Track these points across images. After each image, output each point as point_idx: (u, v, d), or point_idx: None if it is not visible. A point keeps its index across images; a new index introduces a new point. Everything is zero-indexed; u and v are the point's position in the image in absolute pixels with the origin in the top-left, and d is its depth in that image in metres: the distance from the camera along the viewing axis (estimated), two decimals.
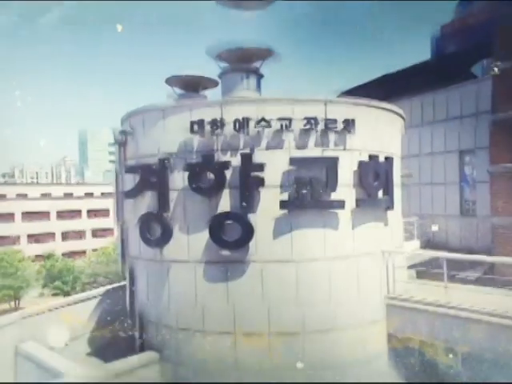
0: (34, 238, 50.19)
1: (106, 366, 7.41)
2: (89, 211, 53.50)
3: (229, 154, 6.60)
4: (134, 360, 7.36)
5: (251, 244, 6.56)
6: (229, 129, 6.59)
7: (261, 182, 6.48)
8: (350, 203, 6.85)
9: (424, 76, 18.54)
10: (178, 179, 6.73)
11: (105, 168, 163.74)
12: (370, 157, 7.13)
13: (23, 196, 58.40)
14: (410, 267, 9.28)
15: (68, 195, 64.30)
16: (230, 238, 6.51)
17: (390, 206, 7.58)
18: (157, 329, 7.33)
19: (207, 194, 6.54)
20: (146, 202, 7.02)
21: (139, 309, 7.63)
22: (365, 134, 7.08)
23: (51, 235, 51.97)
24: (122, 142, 7.43)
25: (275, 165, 6.54)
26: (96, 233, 55.93)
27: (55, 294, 44.83)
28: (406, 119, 11.95)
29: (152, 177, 6.84)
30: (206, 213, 6.57)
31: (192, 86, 9.72)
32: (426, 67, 19.47)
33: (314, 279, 6.67)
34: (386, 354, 7.22)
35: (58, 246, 50.38)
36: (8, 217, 47.09)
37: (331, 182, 6.63)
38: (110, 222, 57.95)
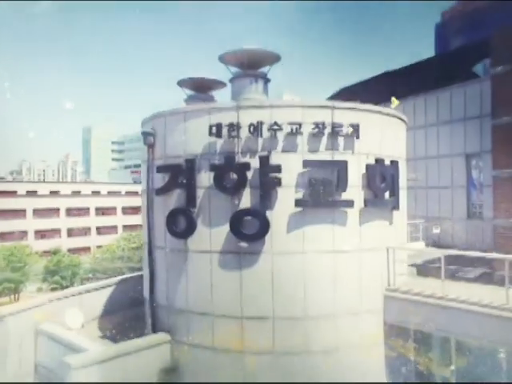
0: (41, 233, 51.81)
1: (121, 344, 8.34)
2: (97, 209, 55.02)
3: (248, 155, 7.52)
4: (147, 340, 8.32)
5: (267, 237, 7.46)
6: (245, 132, 7.51)
7: (278, 182, 7.38)
8: (359, 203, 7.71)
9: (427, 73, 19.13)
10: (204, 178, 7.67)
11: (108, 166, 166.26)
12: (377, 160, 7.99)
13: (33, 193, 60.11)
14: (413, 266, 10.07)
15: (76, 193, 66.00)
16: (249, 231, 7.42)
17: (396, 207, 8.42)
18: (172, 312, 8.27)
19: (230, 192, 7.46)
20: (174, 198, 7.97)
21: (158, 294, 8.57)
22: (371, 139, 7.93)
23: (57, 231, 53.57)
24: (150, 144, 8.39)
25: (290, 166, 7.43)
26: (100, 230, 57.51)
27: (54, 289, 46.26)
28: (410, 119, 12.67)
29: (180, 176, 7.79)
30: (228, 209, 7.50)
31: (201, 87, 10.67)
32: (429, 64, 20.01)
33: (321, 270, 7.54)
34: (382, 340, 8.04)
35: (64, 242, 51.80)
36: (20, 213, 48.72)
37: (341, 183, 7.50)
38: (115, 219, 59.21)
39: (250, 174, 7.45)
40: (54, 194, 60.47)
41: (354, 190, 7.70)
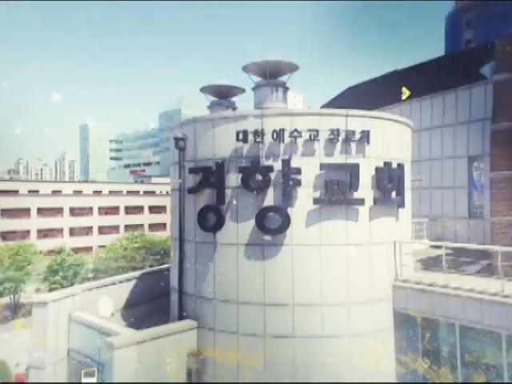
0: (44, 233, 53.01)
1: (154, 328, 9.51)
2: (100, 208, 56.24)
3: (271, 159, 8.74)
4: (176, 325, 9.50)
5: (288, 231, 8.68)
6: (268, 138, 8.73)
7: (298, 182, 8.61)
8: (369, 201, 8.93)
9: (434, 74, 20.02)
10: (232, 179, 8.90)
11: (107, 165, 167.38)
12: (385, 163, 9.20)
13: (35, 192, 61.33)
14: (418, 261, 11.25)
15: (77, 192, 67.21)
16: (272, 226, 8.64)
17: (402, 205, 9.64)
18: (199, 300, 9.47)
19: (256, 191, 8.68)
20: (205, 197, 9.20)
21: (186, 283, 9.77)
22: (380, 144, 9.14)
23: (60, 231, 54.76)
24: (181, 148, 9.61)
25: (309, 169, 8.65)
26: (102, 230, 58.70)
27: (52, 289, 47.32)
28: (416, 121, 13.66)
29: (211, 177, 9.01)
30: (253, 206, 8.72)
31: (223, 93, 11.90)
32: (437, 64, 20.84)
33: (336, 261, 8.76)
34: (391, 326, 9.25)
35: (66, 242, 52.96)
36: (24, 212, 49.92)
37: (354, 183, 8.72)
38: (117, 219, 60.27)
39: (273, 176, 8.68)
40: (57, 193, 61.70)
41: (365, 190, 8.92)
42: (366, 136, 8.72)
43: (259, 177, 8.68)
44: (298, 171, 8.59)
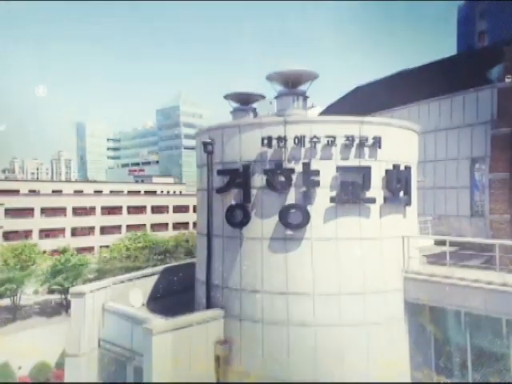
0: (46, 233, 54.24)
1: (186, 316, 10.75)
2: (103, 208, 57.49)
3: (293, 162, 10.05)
4: (206, 314, 10.76)
5: (307, 226, 9.98)
6: (290, 143, 10.04)
7: (317, 183, 9.91)
8: (379, 200, 10.24)
9: (443, 75, 20.96)
10: (257, 180, 10.20)
11: (105, 164, 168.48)
12: (394, 166, 10.51)
13: (36, 192, 62.53)
14: (424, 257, 12.51)
15: (78, 192, 68.45)
16: (293, 221, 9.95)
17: (409, 203, 10.95)
18: (226, 290, 10.75)
19: (279, 191, 9.99)
20: (232, 196, 10.51)
21: (214, 275, 11.05)
22: (390, 148, 10.44)
23: (62, 231, 55.98)
24: (209, 151, 10.91)
25: (326, 171, 9.95)
26: (104, 230, 59.91)
27: (51, 292, 48.38)
28: (424, 123, 14.66)
29: (238, 178, 10.32)
30: (277, 204, 10.03)
31: (244, 100, 13.21)
32: (446, 65, 21.73)
33: (351, 254, 10.06)
34: (403, 315, 10.55)
35: (69, 242, 54.19)
36: (28, 212, 51.12)
37: (366, 184, 10.03)
38: (120, 219, 61.45)
39: (294, 177, 9.99)
40: (58, 193, 62.90)
41: (376, 190, 10.23)
42: (377, 141, 10.03)
43: (282, 178, 9.98)
44: (317, 173, 9.90)
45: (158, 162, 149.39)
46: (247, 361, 10.37)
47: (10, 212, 50.18)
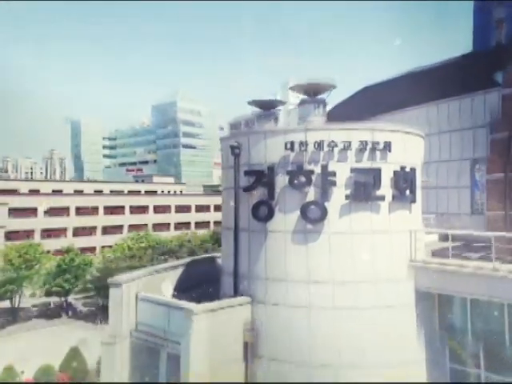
0: (48, 233, 55.74)
1: (219, 301, 12.46)
2: (105, 208, 59.06)
3: (313, 164, 11.79)
4: (236, 300, 12.47)
5: (325, 221, 11.72)
6: (310, 147, 11.77)
7: (333, 183, 11.66)
8: (388, 197, 11.98)
9: (452, 76, 22.09)
10: (281, 180, 11.94)
11: (101, 163, 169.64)
12: (401, 168, 12.27)
13: (36, 191, 63.99)
14: (427, 251, 14.20)
15: (78, 192, 69.93)
16: (313, 216, 11.69)
17: (414, 201, 12.71)
18: (252, 279, 12.47)
19: (300, 189, 11.74)
20: (258, 194, 12.25)
21: (240, 265, 12.76)
22: (398, 152, 12.18)
23: (63, 231, 57.48)
24: (237, 154, 12.64)
25: (342, 172, 11.70)
26: (106, 230, 61.44)
27: (48, 294, 49.68)
28: (432, 125, 15.93)
29: (263, 178, 12.06)
30: (298, 201, 11.77)
31: (266, 106, 14.96)
32: (455, 66, 22.79)
33: (364, 245, 11.81)
34: (411, 300, 12.26)
35: (71, 242, 55.66)
36: (31, 212, 52.61)
37: (376, 184, 11.78)
38: (123, 218, 62.91)
39: (314, 177, 11.74)
40: (58, 192, 64.40)
41: (385, 189, 11.99)
42: (388, 146, 11.79)
43: (303, 178, 11.73)
44: (334, 174, 11.65)
45: (155, 161, 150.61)
46: (273, 346, 12.02)
47: (13, 212, 51.69)
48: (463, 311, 11.92)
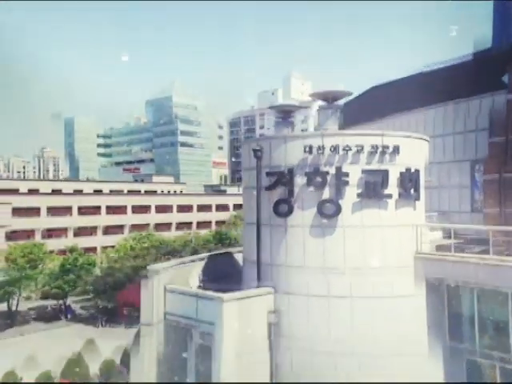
0: (49, 232, 57.45)
1: (245, 291, 14.42)
2: (108, 208, 60.92)
3: (328, 166, 13.79)
4: (262, 290, 14.44)
5: (339, 216, 13.71)
6: (327, 151, 13.77)
7: (346, 182, 13.66)
8: (395, 196, 13.99)
9: (462, 78, 23.49)
10: (299, 180, 13.94)
11: (95, 161, 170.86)
12: (406, 169, 14.27)
13: (35, 191, 65.72)
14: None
15: (78, 191, 71.69)
16: (328, 212, 13.68)
17: (418, 199, 14.72)
18: (274, 267, 14.46)
19: (317, 188, 13.74)
20: (278, 193, 14.24)
21: (263, 255, 14.74)
22: (405, 155, 14.17)
23: (64, 231, 59.23)
24: (259, 157, 14.62)
25: (354, 173, 13.70)
26: (107, 230, 63.21)
27: (44, 298, 51.05)
28: (438, 127, 17.66)
29: (283, 179, 14.06)
30: (315, 199, 13.77)
31: (286, 112, 16.99)
32: (465, 68, 24.19)
33: (374, 237, 13.81)
34: (412, 286, 14.26)
35: (72, 242, 57.33)
36: (34, 211, 54.37)
37: (385, 183, 13.79)
38: (125, 218, 64.55)
39: (329, 178, 13.74)
40: (58, 192, 66.15)
41: (392, 188, 14.00)
42: (396, 149, 13.82)
43: (319, 179, 13.74)
44: (347, 175, 13.66)
45: (152, 160, 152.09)
46: (294, 327, 14.00)
47: (14, 211, 53.44)
48: (470, 300, 13.85)
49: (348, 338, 13.52)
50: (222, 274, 17.56)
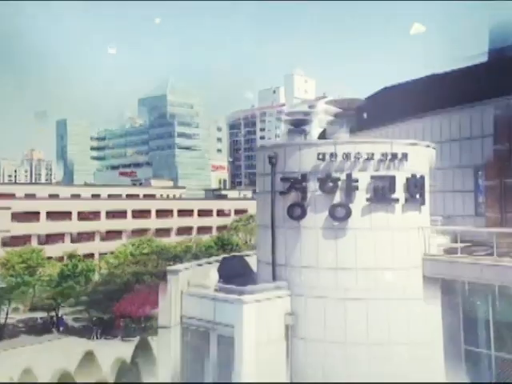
0: (46, 238, 58.81)
1: (262, 294, 15.99)
2: (107, 213, 62.47)
3: (339, 172, 15.49)
4: (276, 291, 16.05)
5: (350, 219, 15.39)
6: (339, 158, 15.48)
7: (356, 188, 15.37)
8: (401, 200, 15.68)
9: (474, 81, 24.57)
10: (312, 185, 15.63)
11: (89, 165, 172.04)
12: (412, 175, 15.97)
13: (32, 196, 67.24)
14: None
15: (76, 196, 73.18)
16: (339, 215, 15.37)
17: (423, 203, 16.42)
18: (288, 267, 16.11)
19: (328, 193, 15.43)
20: (292, 197, 15.93)
21: (278, 256, 16.37)
22: (412, 161, 15.89)
23: (61, 236, 60.66)
24: (274, 163, 16.31)
25: (364, 179, 15.40)
26: (105, 235, 64.57)
27: (32, 309, 51.51)
28: (445, 133, 19.22)
29: (297, 183, 15.75)
30: (327, 202, 15.47)
31: (298, 122, 18.73)
32: (479, 70, 25.35)
33: (383, 239, 15.49)
34: (421, 287, 15.91)
35: (69, 248, 58.72)
36: (33, 216, 55.84)
37: (392, 188, 15.49)
38: (125, 223, 65.97)
39: (340, 183, 15.44)
40: (55, 196, 67.67)
41: (399, 193, 15.69)
42: (404, 157, 15.55)
43: (331, 184, 15.45)
44: (357, 180, 15.37)
45: (148, 163, 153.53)
46: (311, 328, 15.60)
47: (14, 216, 54.90)
48: (471, 298, 15.50)
49: (362, 337, 15.12)
50: (237, 275, 19.18)
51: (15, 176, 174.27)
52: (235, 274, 19.22)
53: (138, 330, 42.43)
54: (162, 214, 69.17)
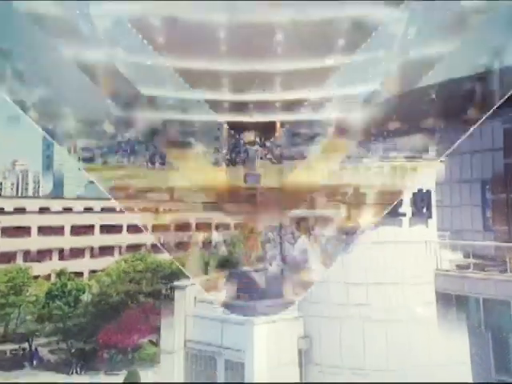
0: (31, 256, 58.60)
1: (271, 317, 16.75)
2: (102, 227, 62.99)
3: (347, 187, 16.65)
4: (288, 315, 16.88)
5: (358, 232, 16.49)
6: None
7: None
8: (409, 214, 16.83)
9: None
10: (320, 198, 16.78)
11: (80, 176, 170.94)
12: (419, 190, 17.14)
13: (22, 210, 67.68)
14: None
15: (68, 210, 73.55)
16: (350, 230, 16.47)
17: (430, 216, 17.57)
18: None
19: (337, 207, 16.59)
20: None
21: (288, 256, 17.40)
22: (418, 176, 17.05)
23: (49, 252, 60.72)
24: None
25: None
26: (95, 251, 64.62)
27: (1, 341, 49.38)
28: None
29: None
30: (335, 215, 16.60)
31: None
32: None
33: (392, 252, 16.57)
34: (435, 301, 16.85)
35: (57, 265, 58.67)
36: (23, 231, 56.37)
37: (399, 202, 16.64)
38: (120, 238, 65.96)
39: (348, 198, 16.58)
40: (46, 210, 68.15)
41: (406, 207, 16.85)
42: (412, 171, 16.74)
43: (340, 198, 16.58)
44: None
45: None
46: (326, 351, 16.59)
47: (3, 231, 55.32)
48: (478, 312, 16.42)
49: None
50: (245, 290, 20.01)
51: (0, 189, 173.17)
52: (244, 290, 20.10)
53: (124, 361, 41.09)
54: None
